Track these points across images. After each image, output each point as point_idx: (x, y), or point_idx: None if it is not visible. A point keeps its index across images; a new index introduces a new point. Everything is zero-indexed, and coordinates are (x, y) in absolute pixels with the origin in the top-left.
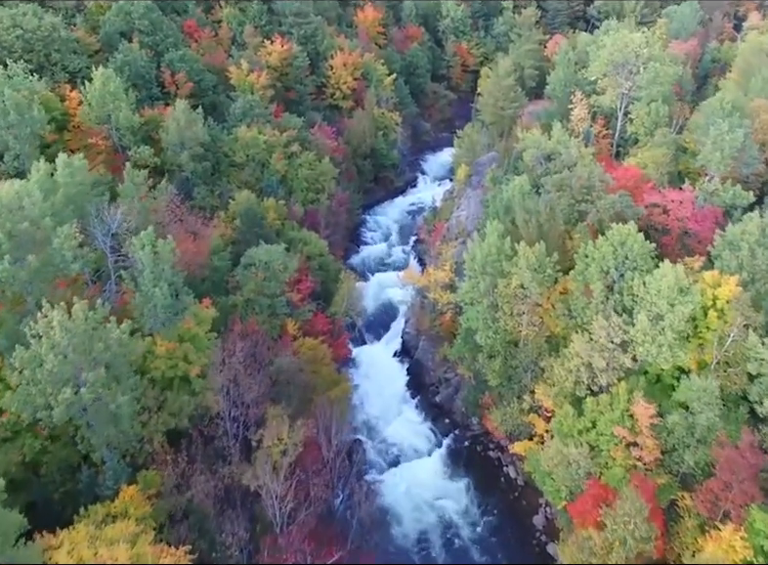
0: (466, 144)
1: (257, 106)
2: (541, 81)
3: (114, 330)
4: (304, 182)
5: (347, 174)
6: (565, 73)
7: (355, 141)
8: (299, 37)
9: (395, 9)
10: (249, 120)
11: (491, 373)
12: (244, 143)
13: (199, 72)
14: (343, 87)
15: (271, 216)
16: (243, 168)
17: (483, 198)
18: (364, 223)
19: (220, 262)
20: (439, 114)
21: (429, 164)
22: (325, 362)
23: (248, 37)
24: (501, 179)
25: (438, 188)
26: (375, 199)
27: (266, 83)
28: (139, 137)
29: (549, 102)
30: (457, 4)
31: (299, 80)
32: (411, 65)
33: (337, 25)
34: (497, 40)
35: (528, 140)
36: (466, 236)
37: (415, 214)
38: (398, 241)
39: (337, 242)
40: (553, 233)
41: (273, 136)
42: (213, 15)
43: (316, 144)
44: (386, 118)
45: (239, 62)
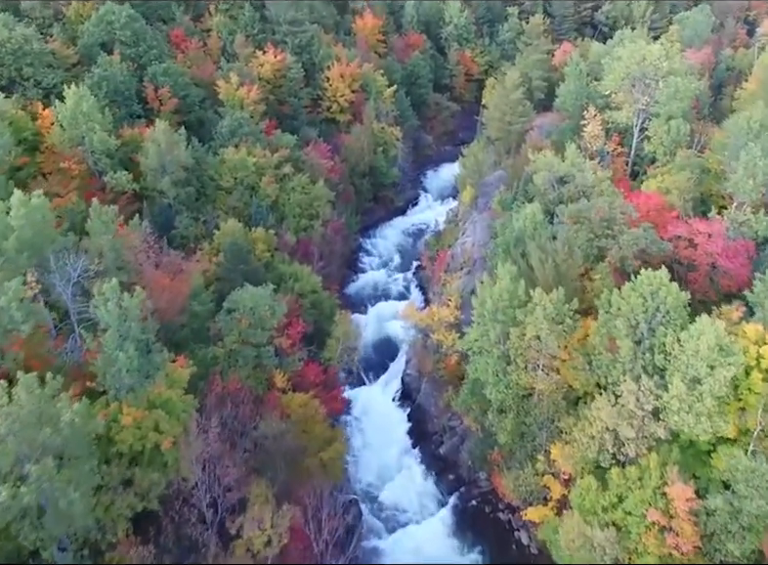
0: (471, 164)
1: (246, 123)
2: (549, 92)
3: (66, 412)
4: (296, 207)
5: (344, 195)
6: (576, 86)
7: (352, 159)
8: (293, 47)
9: (395, 15)
10: (238, 140)
11: (502, 431)
12: (232, 166)
13: (185, 87)
14: (340, 100)
15: (259, 248)
16: (231, 193)
17: (490, 223)
18: (362, 247)
19: (200, 307)
20: (441, 127)
21: (431, 180)
22: (317, 419)
23: (239, 47)
24: (510, 203)
25: (440, 207)
26: (374, 220)
27: (257, 98)
28: (117, 159)
29: (558, 115)
30: (461, 10)
31: (293, 93)
32: (413, 74)
33: (335, 33)
34: (503, 47)
35: (539, 162)
36: (472, 265)
37: (417, 236)
38: (398, 268)
39: (332, 274)
40: (571, 273)
41: (263, 157)
42: (202, 23)
43: (310, 164)
44: (386, 134)
45: (228, 75)
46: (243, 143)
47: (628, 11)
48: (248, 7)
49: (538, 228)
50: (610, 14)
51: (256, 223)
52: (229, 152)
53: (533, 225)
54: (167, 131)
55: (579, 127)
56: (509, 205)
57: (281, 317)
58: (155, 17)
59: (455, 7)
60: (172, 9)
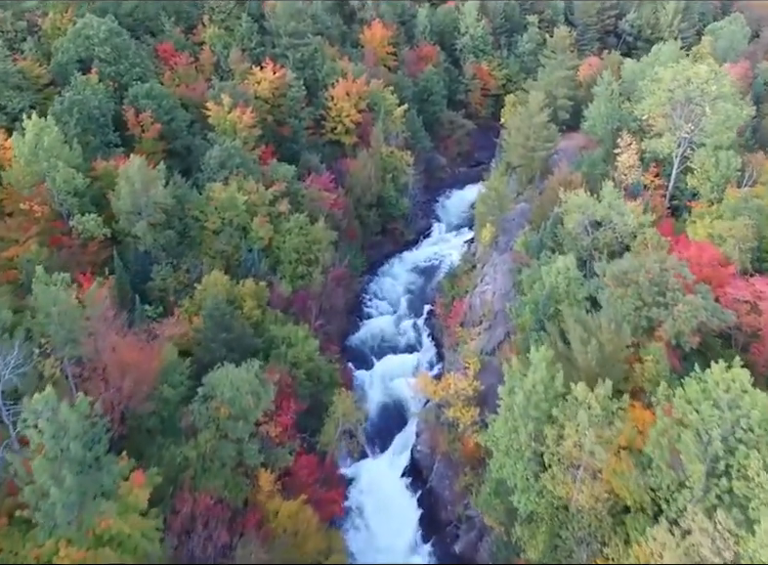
0: (492, 198)
1: (238, 153)
2: (575, 111)
3: None
4: (293, 252)
5: (348, 231)
6: (607, 108)
7: (358, 188)
8: (295, 61)
9: (407, 25)
10: (227, 172)
11: (532, 547)
12: (219, 204)
13: (170, 110)
14: (345, 120)
15: (247, 305)
16: (219, 234)
17: (512, 267)
18: (368, 287)
19: (172, 391)
20: (456, 147)
21: (444, 207)
22: (311, 531)
23: (234, 63)
24: (537, 249)
25: (455, 239)
26: (382, 254)
27: (251, 122)
28: (87, 198)
29: (585, 137)
30: (477, 19)
31: (294, 113)
32: (425, 90)
33: (340, 45)
34: (522, 60)
35: (571, 202)
36: (492, 318)
37: (429, 273)
38: (408, 312)
39: (333, 332)
40: (619, 355)
41: (255, 193)
42: (195, 35)
43: (310, 198)
44: (395, 158)
45: (220, 95)
46: (234, 175)
47: (654, 19)
48: (246, 17)
49: (572, 284)
50: (635, 22)
51: (245, 272)
52: (216, 188)
53: (567, 281)
54: (143, 167)
55: (612, 155)
56: (535, 250)
57: (269, 403)
58: (143, 29)
59: (472, 16)
60: (161, 20)
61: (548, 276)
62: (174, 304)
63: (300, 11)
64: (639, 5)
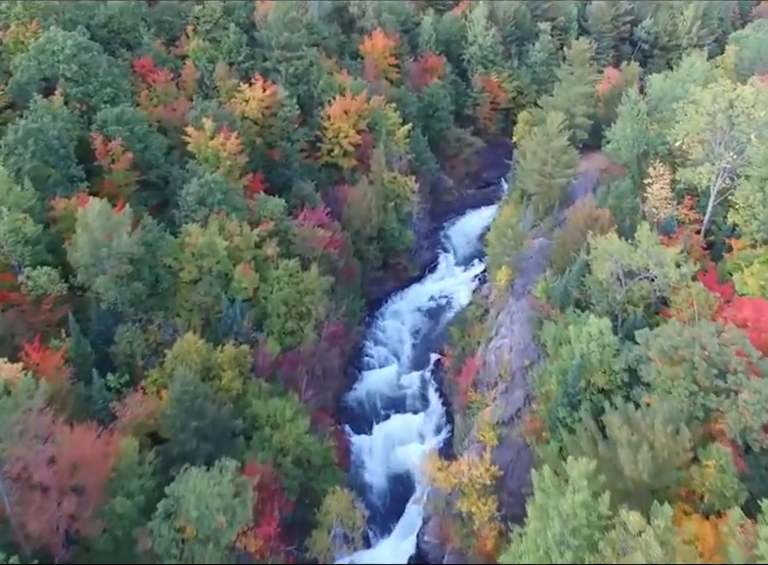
0: (508, 237)
1: (219, 188)
2: (593, 128)
3: None
4: (282, 305)
5: (345, 271)
6: (634, 130)
7: (357, 221)
8: (287, 76)
9: (410, 34)
10: (207, 210)
11: None
12: (196, 250)
13: (144, 136)
14: (343, 142)
15: (227, 376)
16: (196, 283)
17: (530, 316)
18: (368, 331)
19: (127, 503)
20: (463, 167)
21: (452, 236)
22: None
23: (220, 78)
24: (561, 297)
25: (464, 273)
26: (384, 292)
27: (236, 149)
28: (42, 246)
29: (606, 159)
30: (486, 28)
31: (286, 135)
32: (430, 106)
33: (338, 57)
34: (533, 70)
35: (601, 247)
36: (509, 379)
37: (436, 315)
38: (413, 362)
39: (327, 399)
40: (676, 461)
41: (239, 234)
42: (178, 48)
43: (302, 237)
44: (398, 185)
45: (202, 118)
46: (215, 214)
47: (672, 26)
48: (234, 27)
49: (606, 351)
50: (651, 29)
51: (226, 329)
52: (193, 231)
53: (600, 348)
54: (104, 212)
55: (641, 186)
56: (559, 300)
57: (247, 516)
58: (119, 42)
59: (480, 24)
60: (140, 32)
61: (578, 341)
62: (142, 371)
63: (294, 20)
64: (656, 11)
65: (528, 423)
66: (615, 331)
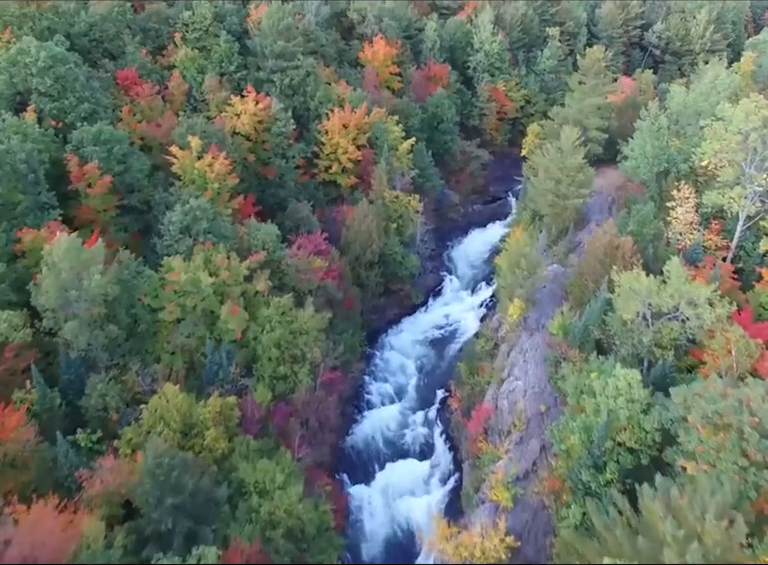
0: (522, 267)
1: (205, 215)
2: (607, 141)
3: None
4: (273, 347)
5: (344, 302)
6: (654, 147)
7: (357, 245)
8: (283, 88)
9: (413, 41)
10: (192, 240)
11: None
12: (178, 288)
13: (125, 156)
14: (342, 158)
15: (210, 435)
16: (179, 322)
17: (546, 355)
18: (370, 364)
19: None
20: (469, 181)
21: (457, 256)
22: None
23: (210, 90)
24: (580, 336)
25: (471, 297)
26: (385, 320)
27: (225, 170)
28: (5, 285)
29: (622, 175)
30: (493, 34)
31: (280, 151)
32: (435, 117)
33: (337, 66)
34: (541, 78)
35: (626, 284)
36: (524, 427)
37: (441, 346)
38: (417, 399)
39: (324, 455)
40: (728, 556)
41: (226, 268)
42: (165, 58)
43: (296, 269)
44: (401, 205)
45: (187, 136)
46: (200, 244)
47: (684, 31)
48: (225, 35)
49: (635, 407)
50: (663, 34)
51: (210, 377)
52: (175, 265)
53: (627, 405)
54: (73, 249)
55: (662, 207)
56: (578, 339)
57: None
58: (100, 51)
59: (487, 30)
60: (124, 40)
61: (603, 395)
62: (117, 425)
63: (289, 27)
64: (666, 15)
65: (546, 481)
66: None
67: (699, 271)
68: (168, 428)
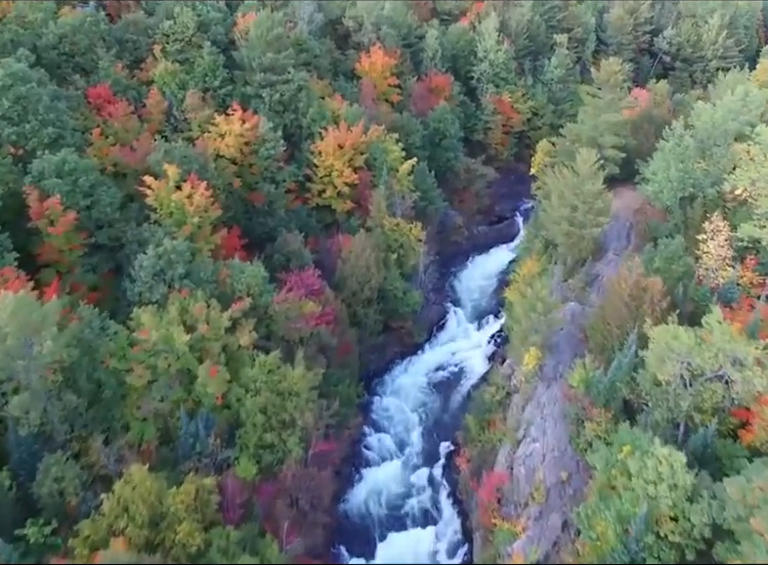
0: (538, 311)
1: (181, 258)
2: (623, 159)
3: None
4: (258, 413)
5: (340, 348)
6: (679, 171)
7: (354, 281)
8: (272, 104)
9: (413, 49)
10: (167, 287)
11: None
12: (149, 347)
13: (92, 188)
14: (337, 181)
15: (184, 529)
16: (151, 383)
17: (566, 411)
18: (369, 413)
19: None
20: (474, 201)
21: (462, 286)
22: None
23: (192, 109)
24: (606, 394)
25: (478, 332)
26: (384, 360)
27: (206, 202)
28: None
29: (639, 196)
30: (498, 42)
31: (269, 175)
32: (437, 133)
33: (332, 77)
34: (549, 88)
35: (660, 340)
36: (543, 501)
37: (447, 389)
38: (420, 454)
39: (317, 539)
40: None
41: (205, 320)
42: (143, 72)
43: (285, 316)
44: (402, 233)
45: (164, 163)
46: (176, 291)
47: (696, 36)
48: (209, 47)
49: (679, 493)
50: (673, 40)
51: (186, 451)
52: (145, 320)
53: (670, 492)
54: (22, 307)
55: (689, 238)
56: (604, 397)
57: None
58: (71, 66)
59: (492, 38)
60: (97, 54)
61: (641, 479)
62: (76, 511)
63: (280, 37)
64: (677, 19)
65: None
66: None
67: (734, 313)
68: (133, 523)
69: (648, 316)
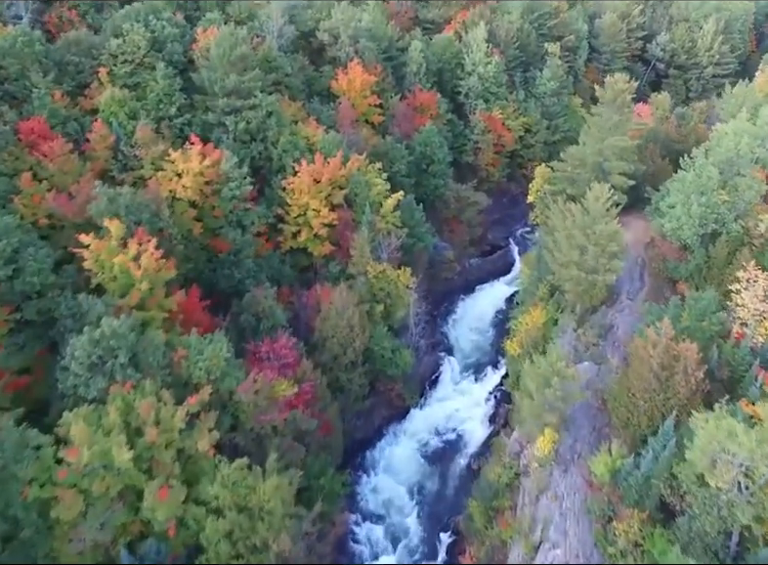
0: (555, 387)
1: (124, 344)
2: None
3: None
4: (222, 540)
5: (320, 429)
6: (701, 205)
7: (335, 343)
8: (237, 133)
9: (394, 63)
10: (106, 380)
11: None
12: (80, 470)
13: (17, 253)
14: (314, 222)
15: None
16: (87, 508)
17: (589, 504)
18: (355, 497)
19: None
20: (465, 231)
21: (456, 331)
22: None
23: (142, 144)
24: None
25: (474, 385)
26: (372, 428)
27: (156, 264)
28: None
29: (648, 226)
30: (487, 54)
31: (235, 219)
32: (424, 157)
33: (306, 98)
34: (542, 102)
35: (710, 435)
36: None
37: (444, 460)
38: (416, 549)
39: None
40: None
41: (155, 421)
42: (87, 99)
43: (254, 404)
44: (388, 281)
45: (105, 217)
46: (118, 383)
47: (690, 42)
48: (164, 68)
49: None
50: (667, 46)
51: None
52: (76, 433)
53: None
54: None
55: (710, 278)
56: (636, 495)
57: None
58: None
59: (481, 49)
60: (31, 80)
61: None
62: None
63: (245, 57)
64: (669, 24)
65: None
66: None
67: None
68: None
69: (681, 387)
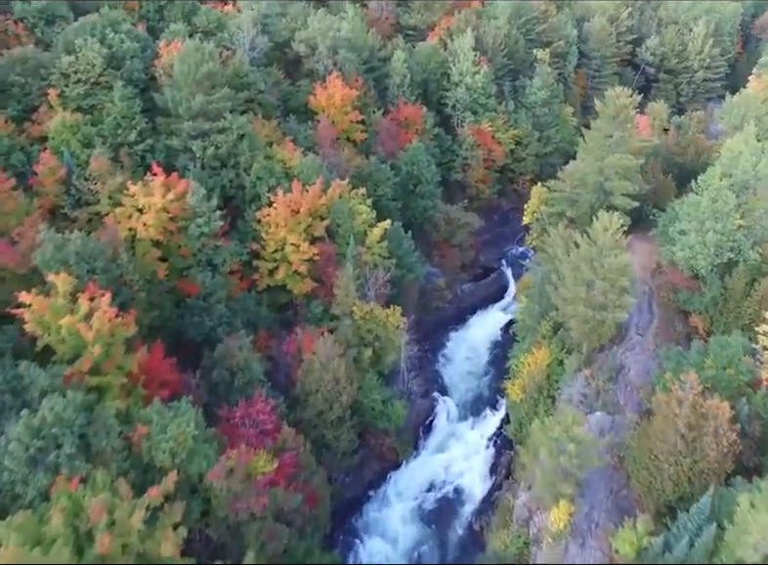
0: (572, 454)
1: (69, 430)
2: None
3: None
4: None
5: (305, 502)
6: (716, 233)
7: (320, 399)
8: (206, 159)
9: (376, 74)
10: (50, 474)
11: None
12: None
13: None
14: (292, 258)
15: None
16: None
17: None
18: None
19: None
20: (457, 255)
21: (450, 368)
22: None
23: (98, 176)
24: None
25: (472, 432)
26: (363, 484)
27: (110, 325)
28: None
29: (653, 250)
30: (475, 63)
31: (204, 258)
32: (411, 177)
33: (282, 116)
34: (532, 112)
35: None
36: None
37: (441, 521)
38: None
39: None
40: None
41: (109, 524)
42: (35, 125)
43: (228, 489)
44: (376, 322)
45: (51, 267)
46: (64, 476)
47: (681, 46)
48: (122, 88)
49: None
50: (657, 50)
51: None
52: (6, 557)
53: None
54: None
55: (727, 312)
56: None
57: None
58: None
59: (468, 59)
60: None
61: None
62: None
63: (212, 74)
64: (658, 27)
65: None
66: None
67: None
68: None
69: (711, 450)
